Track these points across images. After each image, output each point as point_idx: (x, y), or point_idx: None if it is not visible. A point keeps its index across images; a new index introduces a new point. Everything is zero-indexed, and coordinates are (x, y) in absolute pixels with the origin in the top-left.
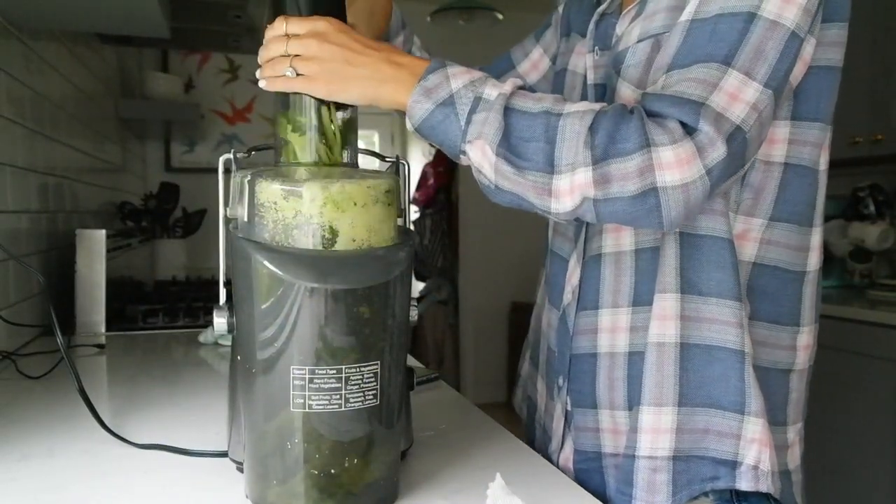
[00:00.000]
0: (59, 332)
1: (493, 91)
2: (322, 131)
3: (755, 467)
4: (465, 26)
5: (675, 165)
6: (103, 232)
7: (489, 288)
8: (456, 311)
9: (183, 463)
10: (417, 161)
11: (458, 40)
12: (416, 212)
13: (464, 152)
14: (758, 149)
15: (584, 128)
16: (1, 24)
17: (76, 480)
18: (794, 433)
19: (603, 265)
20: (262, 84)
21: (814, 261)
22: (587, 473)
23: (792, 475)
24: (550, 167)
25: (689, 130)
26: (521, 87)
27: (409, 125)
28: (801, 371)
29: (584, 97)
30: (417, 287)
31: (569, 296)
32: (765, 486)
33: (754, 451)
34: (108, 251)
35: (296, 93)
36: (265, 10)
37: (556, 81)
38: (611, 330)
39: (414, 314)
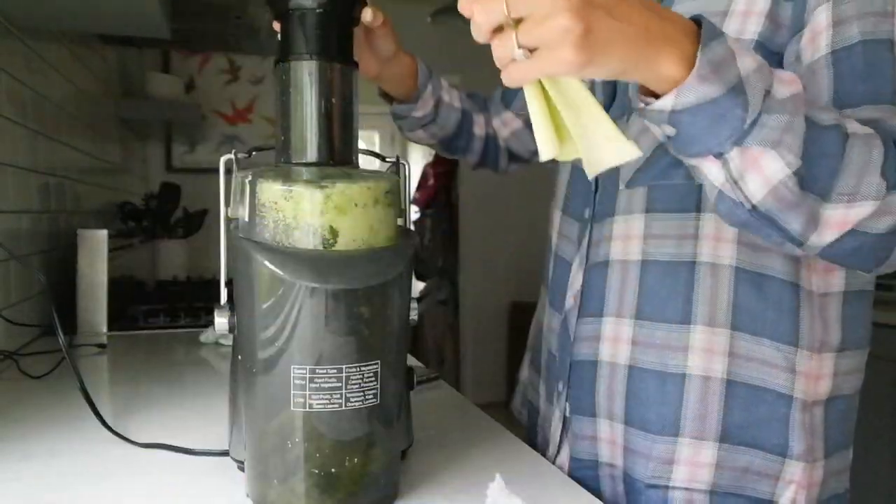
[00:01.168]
0: (60, 332)
1: (783, 88)
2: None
3: None
4: (465, 26)
5: None
6: (105, 232)
7: (489, 288)
8: (456, 311)
9: (184, 462)
10: (417, 161)
11: (458, 40)
12: (416, 212)
13: (721, 155)
14: None
15: (878, 154)
16: (2, 24)
17: (78, 479)
18: (850, 454)
19: (609, 272)
20: (505, 81)
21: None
22: (582, 481)
23: (841, 498)
24: (828, 193)
25: None
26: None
27: (661, 104)
28: (858, 393)
29: (591, 91)
30: (417, 287)
31: (570, 301)
32: None
33: (791, 491)
34: (109, 251)
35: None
36: (265, 12)
37: None
38: (613, 340)
39: (414, 314)
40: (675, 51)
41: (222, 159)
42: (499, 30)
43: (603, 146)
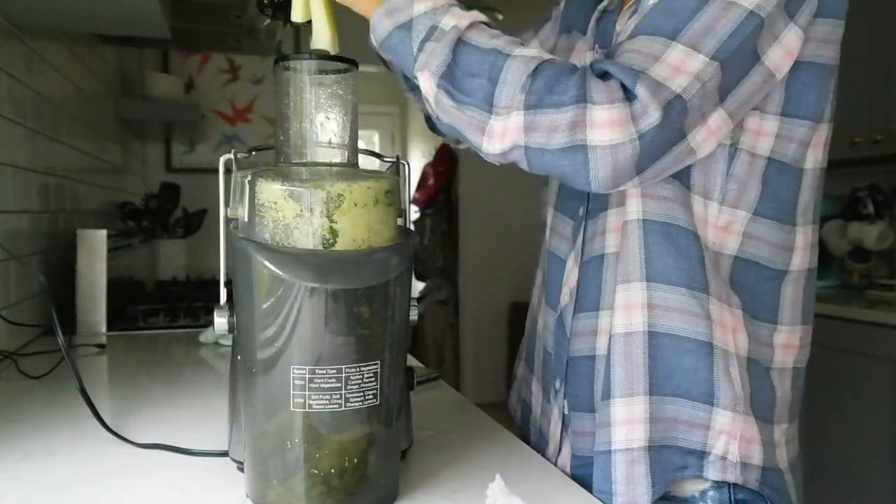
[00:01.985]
0: (59, 332)
1: (450, 21)
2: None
3: (723, 458)
4: None
5: (607, 125)
6: (104, 232)
7: (489, 288)
8: (456, 311)
9: (183, 462)
10: (417, 161)
11: None
12: (416, 212)
13: (415, 78)
14: (700, 122)
15: (526, 72)
16: (2, 24)
17: (77, 480)
18: (779, 433)
19: (605, 266)
20: None
21: (797, 261)
22: (585, 478)
23: (785, 474)
24: (489, 106)
25: (627, 95)
26: (483, 23)
27: (372, 40)
28: (781, 370)
29: None
30: (417, 287)
31: (566, 297)
32: (732, 476)
33: (722, 441)
34: (108, 251)
35: None
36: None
37: None
38: (609, 332)
39: (414, 314)
40: (369, 1)
41: (222, 159)
42: None
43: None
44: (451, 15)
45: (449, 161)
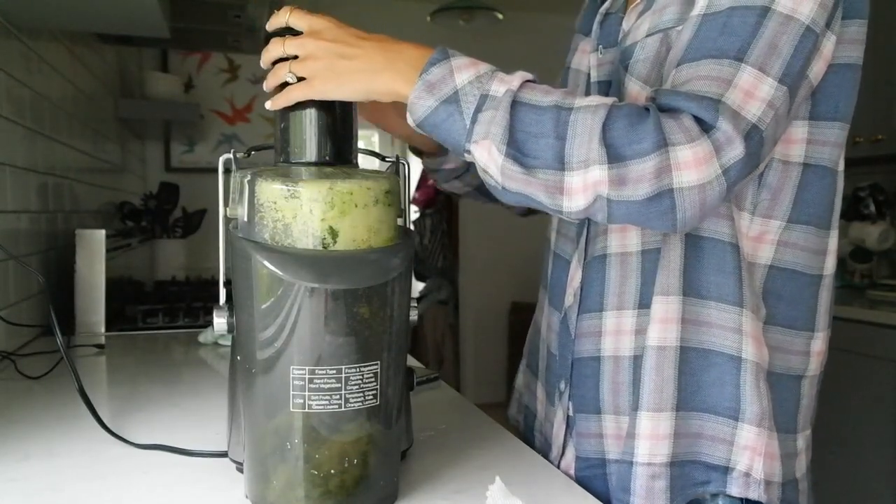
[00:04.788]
0: (58, 333)
1: (500, 87)
2: None
3: (746, 474)
4: (465, 26)
5: (693, 165)
6: (103, 232)
7: (489, 288)
8: (456, 311)
9: (183, 463)
10: (417, 161)
11: (458, 40)
12: (416, 212)
13: (468, 151)
14: (773, 148)
15: (597, 123)
16: (1, 24)
17: (76, 480)
18: (803, 440)
19: (608, 266)
20: (268, 105)
21: (830, 264)
22: (589, 480)
23: (799, 483)
24: (561, 164)
25: (705, 128)
26: (531, 81)
27: (409, 120)
28: (812, 377)
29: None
30: (417, 287)
31: (570, 298)
32: (755, 493)
33: (746, 458)
34: (107, 251)
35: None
36: (265, 11)
37: (562, 80)
38: (615, 333)
39: (414, 314)
40: (399, 78)
41: (221, 159)
42: (277, 63)
43: None
44: (498, 80)
45: None
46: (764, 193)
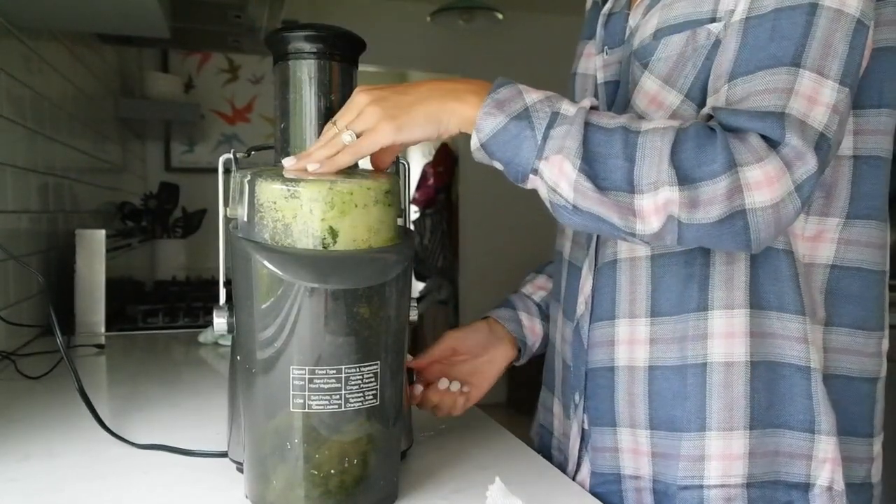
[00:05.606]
0: (58, 333)
1: (571, 107)
2: None
3: (829, 488)
4: (465, 26)
5: (765, 184)
6: (103, 232)
7: (489, 288)
8: (456, 311)
9: (183, 463)
10: (417, 161)
11: (458, 40)
12: (416, 212)
13: (536, 171)
14: (836, 154)
15: (666, 145)
16: (1, 24)
17: (76, 480)
18: (878, 444)
19: (618, 272)
20: (314, 168)
21: (889, 258)
22: (604, 497)
23: (874, 489)
24: (630, 186)
25: (772, 144)
26: (595, 107)
27: (474, 142)
28: (883, 379)
29: (595, 96)
30: (417, 287)
31: (582, 306)
32: None
33: (827, 471)
34: (107, 251)
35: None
36: (265, 11)
37: (569, 88)
38: (629, 342)
39: (414, 314)
40: (467, 99)
41: (221, 159)
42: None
43: None
44: (567, 102)
45: (449, 161)
46: (817, 191)
